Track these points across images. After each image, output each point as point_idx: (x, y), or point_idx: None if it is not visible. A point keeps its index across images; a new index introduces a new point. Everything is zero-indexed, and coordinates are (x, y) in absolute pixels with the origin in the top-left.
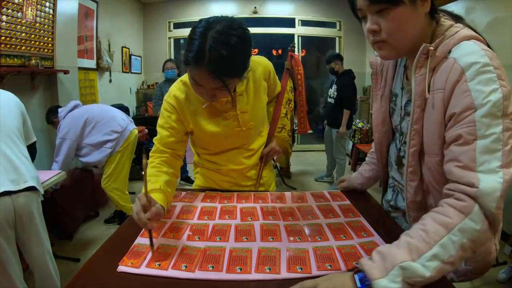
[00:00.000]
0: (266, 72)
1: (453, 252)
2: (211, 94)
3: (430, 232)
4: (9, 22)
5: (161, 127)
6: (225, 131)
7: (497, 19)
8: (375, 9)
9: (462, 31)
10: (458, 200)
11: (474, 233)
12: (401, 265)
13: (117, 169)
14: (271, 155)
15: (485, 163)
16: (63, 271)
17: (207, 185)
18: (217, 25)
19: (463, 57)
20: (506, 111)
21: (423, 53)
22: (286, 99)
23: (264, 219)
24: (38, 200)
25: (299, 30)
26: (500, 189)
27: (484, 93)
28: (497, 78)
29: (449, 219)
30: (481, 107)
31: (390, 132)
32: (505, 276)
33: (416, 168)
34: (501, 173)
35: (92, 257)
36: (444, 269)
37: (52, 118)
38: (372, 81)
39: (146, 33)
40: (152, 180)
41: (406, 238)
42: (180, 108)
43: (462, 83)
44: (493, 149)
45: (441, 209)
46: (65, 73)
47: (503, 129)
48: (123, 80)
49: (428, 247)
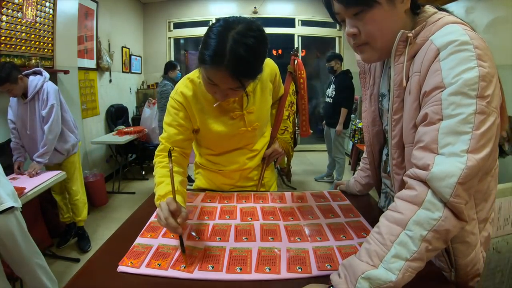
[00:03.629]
0: (273, 74)
1: (415, 248)
2: (224, 93)
3: (385, 233)
4: (9, 22)
5: (168, 125)
6: (231, 130)
7: (497, 19)
8: (352, 12)
9: (446, 18)
10: (409, 189)
11: (433, 222)
12: (362, 276)
13: (80, 171)
14: (273, 157)
15: (448, 146)
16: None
17: (207, 187)
18: (237, 26)
19: (441, 37)
20: (482, 92)
21: (402, 40)
22: (289, 101)
23: (264, 219)
24: (17, 216)
25: (299, 30)
26: (457, 175)
27: (455, 71)
28: (475, 57)
29: (400, 215)
30: (450, 85)
31: (382, 133)
32: None
33: (400, 161)
34: (465, 158)
35: (92, 257)
36: (412, 267)
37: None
38: (361, 80)
39: (146, 33)
40: (166, 181)
41: (365, 245)
42: (187, 105)
43: (435, 63)
44: (459, 131)
45: (393, 204)
46: (65, 73)
47: (476, 110)
48: (123, 80)
49: (386, 249)
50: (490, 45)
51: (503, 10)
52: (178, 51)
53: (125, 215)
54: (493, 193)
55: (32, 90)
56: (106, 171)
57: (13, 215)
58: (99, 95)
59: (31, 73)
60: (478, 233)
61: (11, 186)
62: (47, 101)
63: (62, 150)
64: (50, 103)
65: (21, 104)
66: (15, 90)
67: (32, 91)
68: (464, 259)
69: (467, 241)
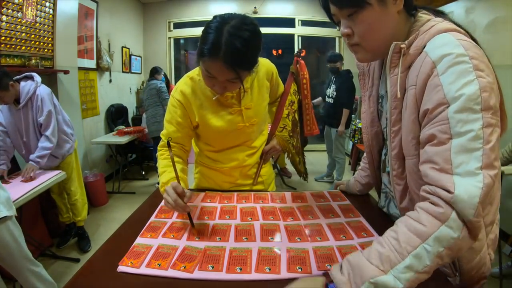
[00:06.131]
0: (269, 73)
1: (428, 262)
2: (223, 86)
3: (402, 241)
4: (9, 22)
5: (168, 122)
6: (229, 126)
7: (497, 19)
8: (346, 13)
9: (439, 25)
10: (433, 204)
11: (451, 241)
12: (371, 281)
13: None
14: (271, 153)
15: (462, 165)
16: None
17: (207, 186)
18: (231, 21)
19: (435, 50)
20: (486, 104)
21: (395, 51)
22: (289, 101)
23: (264, 219)
24: (9, 226)
25: (299, 30)
26: (478, 195)
27: (457, 86)
28: (473, 68)
29: (423, 227)
30: (454, 101)
31: (380, 133)
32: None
33: (400, 172)
34: (481, 176)
35: (92, 257)
36: (418, 279)
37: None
38: (360, 82)
39: (146, 33)
40: (168, 170)
41: (377, 247)
42: (186, 102)
43: (434, 78)
44: (471, 148)
45: (415, 214)
46: (65, 73)
47: (483, 124)
48: (123, 80)
49: (400, 258)
50: (490, 45)
51: (503, 10)
52: (178, 51)
53: (125, 215)
54: (498, 195)
55: (24, 96)
56: (106, 171)
57: (5, 225)
58: (99, 95)
59: (22, 78)
60: (484, 238)
61: (7, 193)
62: (42, 107)
63: (57, 154)
64: (47, 110)
65: (13, 111)
66: (6, 97)
67: (24, 97)
68: (468, 264)
69: (472, 247)
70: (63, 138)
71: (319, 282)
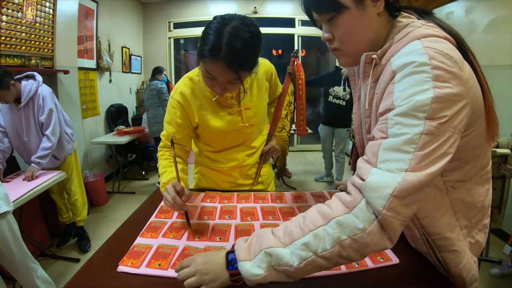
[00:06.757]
0: (268, 73)
1: (328, 246)
2: (223, 87)
3: (307, 219)
4: (9, 22)
5: (168, 123)
6: (228, 126)
7: (497, 19)
8: (325, 18)
9: (414, 32)
10: (347, 193)
11: (355, 231)
12: (266, 251)
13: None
14: (270, 153)
15: (387, 162)
16: (63, 271)
17: (207, 186)
18: (232, 22)
19: (398, 59)
20: (434, 114)
21: (366, 62)
22: (287, 101)
23: (264, 219)
24: (9, 220)
25: (299, 30)
26: (392, 187)
27: (407, 94)
28: (432, 78)
29: (329, 210)
30: (398, 106)
31: None
32: (498, 271)
33: None
34: (403, 174)
35: (92, 257)
36: (316, 263)
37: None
38: (351, 82)
39: (146, 33)
40: (169, 170)
41: (286, 222)
42: (185, 103)
43: (390, 85)
44: (401, 150)
45: (329, 200)
46: (65, 73)
47: (423, 131)
48: (123, 80)
49: (301, 234)
50: (490, 45)
51: (503, 10)
52: (178, 51)
53: (125, 215)
54: (480, 200)
55: (26, 95)
56: (106, 171)
57: (5, 219)
58: (99, 95)
59: (23, 77)
60: (463, 239)
61: (4, 189)
62: (43, 106)
63: (59, 156)
64: (48, 108)
65: (14, 111)
66: (7, 97)
67: (26, 96)
68: (456, 267)
69: (455, 250)
70: (65, 138)
71: (221, 254)
